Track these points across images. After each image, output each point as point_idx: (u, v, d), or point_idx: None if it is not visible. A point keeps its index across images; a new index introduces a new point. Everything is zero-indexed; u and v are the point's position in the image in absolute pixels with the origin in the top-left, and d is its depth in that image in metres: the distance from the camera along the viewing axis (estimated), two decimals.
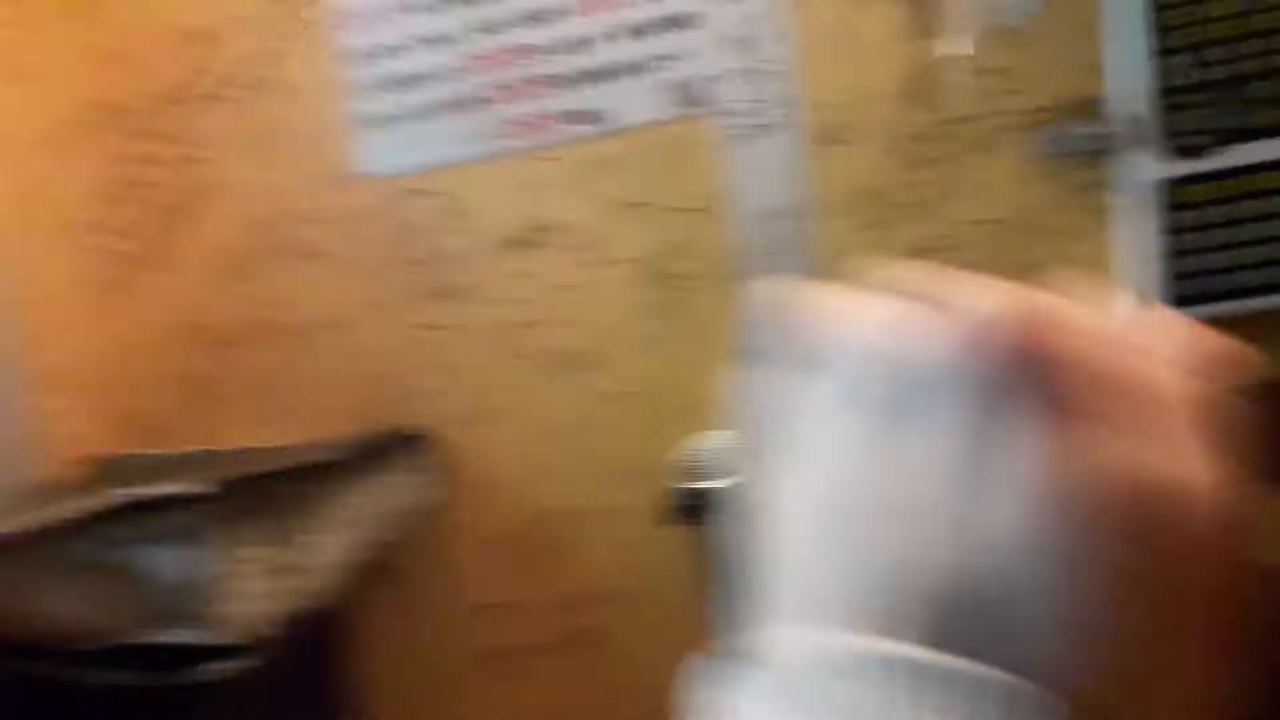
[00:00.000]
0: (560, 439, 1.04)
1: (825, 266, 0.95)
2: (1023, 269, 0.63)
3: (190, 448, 1.08)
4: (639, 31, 0.99)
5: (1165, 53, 0.83)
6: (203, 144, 1.12)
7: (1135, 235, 0.85)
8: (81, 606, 0.68)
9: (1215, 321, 0.15)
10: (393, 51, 1.05)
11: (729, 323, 1.00)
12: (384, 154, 1.05)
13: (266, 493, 0.73)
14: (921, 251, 0.92)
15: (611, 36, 0.99)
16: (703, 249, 0.99)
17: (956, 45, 0.90)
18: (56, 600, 0.67)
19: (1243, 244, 0.84)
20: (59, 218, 1.15)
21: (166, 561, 0.66)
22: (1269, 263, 0.83)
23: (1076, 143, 0.87)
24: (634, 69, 0.99)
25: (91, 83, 1.14)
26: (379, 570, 0.84)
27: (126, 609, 0.69)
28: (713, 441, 0.92)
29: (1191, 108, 0.84)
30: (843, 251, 0.94)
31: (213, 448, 1.08)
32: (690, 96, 0.98)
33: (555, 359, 1.03)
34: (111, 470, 1.09)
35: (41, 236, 1.15)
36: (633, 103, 0.99)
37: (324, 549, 0.80)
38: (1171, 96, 0.84)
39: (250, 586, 0.68)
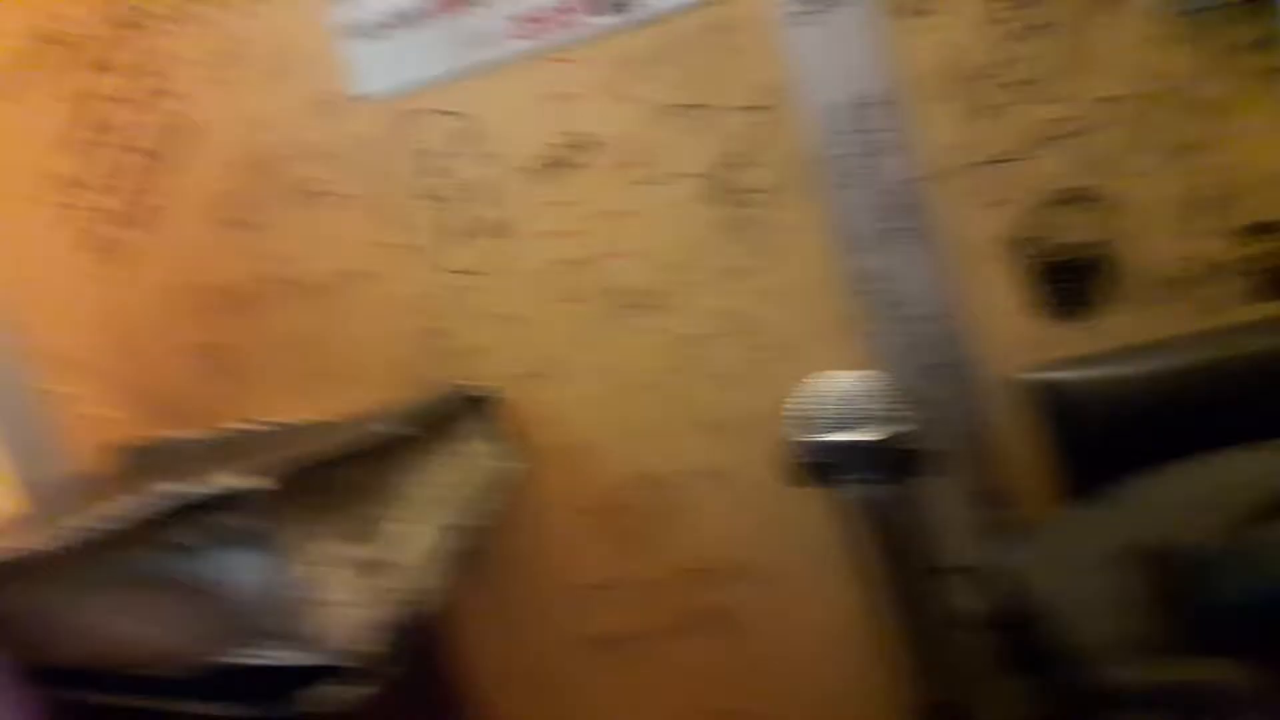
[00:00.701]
0: (638, 393, 0.92)
1: (929, 164, 0.80)
2: (1179, 152, 0.50)
3: (218, 426, 0.97)
4: None
5: None
6: (170, 74, 0.96)
7: None
8: (153, 627, 0.57)
9: None
10: None
11: (818, 241, 0.88)
12: (380, 70, 0.90)
13: (337, 478, 0.62)
14: (1048, 140, 0.77)
15: None
16: (773, 155, 0.84)
17: None
18: (125, 621, 0.56)
19: None
20: (30, 176, 1.01)
21: (237, 569, 0.55)
22: None
23: None
24: None
25: (39, 11, 0.98)
26: (472, 556, 0.73)
27: (204, 627, 0.58)
28: (837, 385, 0.80)
29: None
30: (949, 147, 0.80)
31: (245, 425, 0.96)
32: None
33: (618, 300, 0.90)
34: (142, 459, 0.98)
35: (15, 200, 1.02)
36: None
37: (413, 539, 0.70)
38: None
39: (339, 592, 0.58)
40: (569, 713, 1.03)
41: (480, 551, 0.87)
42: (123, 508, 0.58)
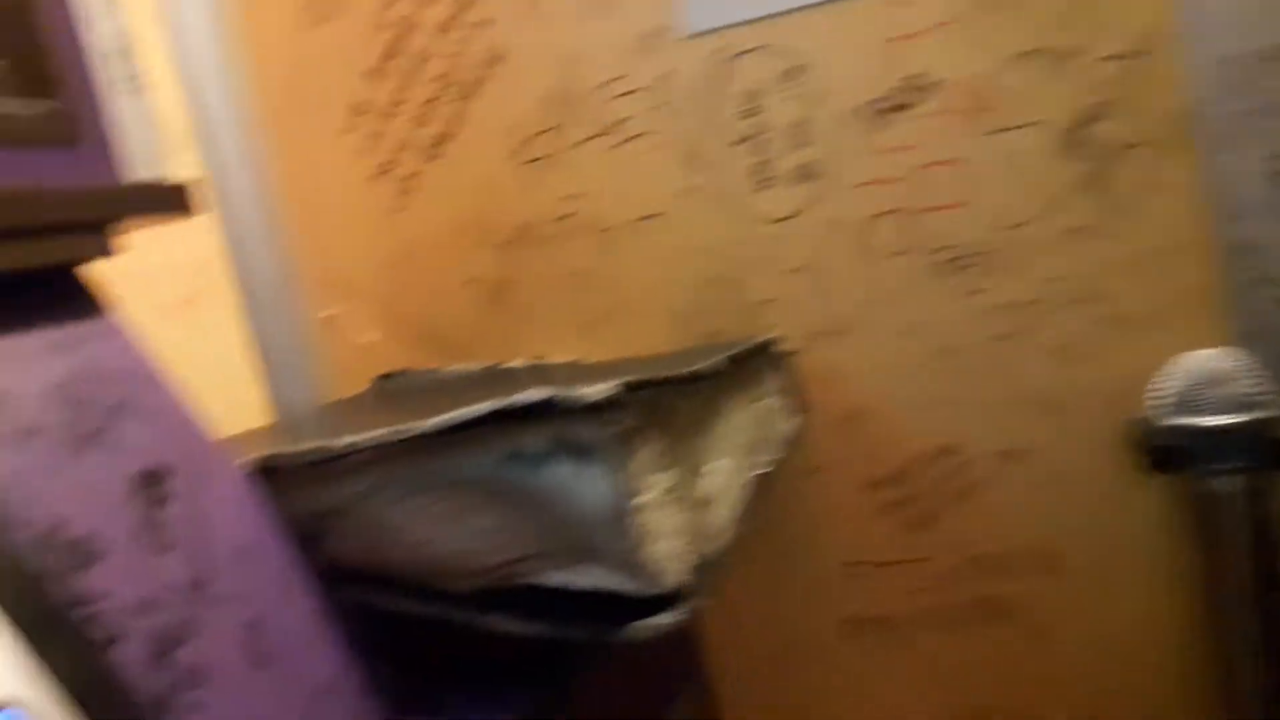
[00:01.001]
0: (947, 359, 0.85)
1: None
2: None
3: (492, 362, 0.95)
4: None
5: None
6: (490, 5, 0.95)
7: None
8: (471, 537, 0.54)
9: None
10: None
11: (1186, 205, 0.81)
12: (709, 5, 0.86)
13: (676, 409, 0.58)
14: None
15: None
16: (1143, 108, 0.76)
17: None
18: (442, 528, 0.53)
19: None
20: (338, 102, 1.03)
21: (575, 484, 0.51)
22: None
23: None
24: None
25: None
26: (757, 513, 0.69)
27: (526, 541, 0.54)
28: (1197, 363, 0.73)
29: None
30: None
31: (519, 363, 0.95)
32: None
33: (938, 257, 0.84)
34: (412, 388, 0.98)
35: (310, 126, 1.03)
36: None
37: (724, 483, 0.66)
38: None
39: (668, 522, 0.54)
40: (818, 697, 0.97)
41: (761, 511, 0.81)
42: (458, 409, 0.55)
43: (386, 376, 1.03)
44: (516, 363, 0.96)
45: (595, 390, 0.51)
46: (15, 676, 0.34)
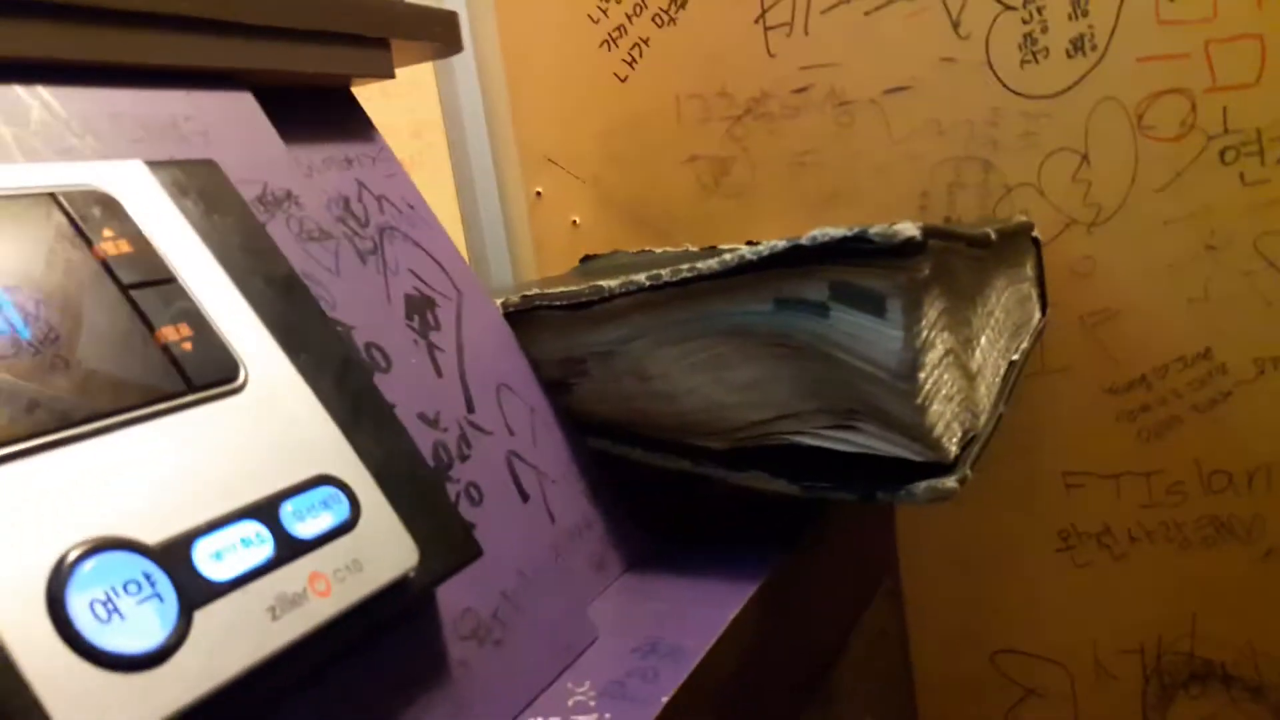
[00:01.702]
0: (1217, 256, 0.77)
1: None
2: None
3: (711, 245, 0.92)
4: None
5: None
6: None
7: None
8: (732, 390, 0.51)
9: None
10: None
11: None
12: None
13: (957, 272, 0.54)
14: None
15: None
16: None
17: None
18: (702, 379, 0.51)
19: None
20: None
21: (861, 338, 0.47)
22: None
23: None
24: None
25: None
26: (1008, 398, 0.64)
27: (790, 398, 0.51)
28: None
29: None
30: None
31: (740, 246, 0.91)
32: None
33: (1220, 143, 0.76)
34: (618, 267, 0.96)
35: None
36: None
37: (990, 361, 0.61)
38: None
39: (946, 386, 0.50)
40: (1019, 612, 0.93)
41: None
42: (738, 250, 0.52)
43: (592, 257, 1.01)
44: (734, 246, 0.92)
45: (893, 231, 0.47)
46: (339, 456, 0.33)
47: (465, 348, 0.53)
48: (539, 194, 1.05)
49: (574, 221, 1.03)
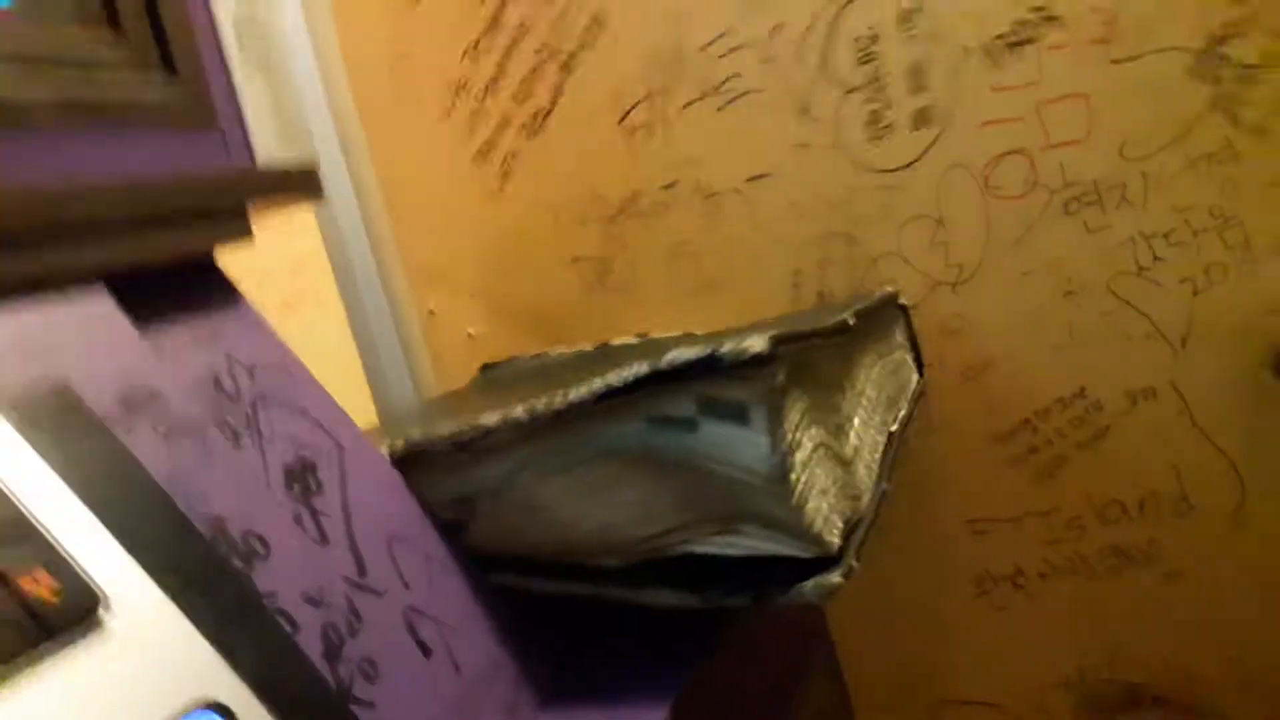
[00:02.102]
0: (1076, 300, 0.81)
1: None
2: None
3: (598, 341, 0.94)
4: None
5: None
6: None
7: None
8: (618, 511, 0.53)
9: None
10: None
11: None
12: None
13: (816, 363, 0.56)
14: None
15: None
16: (1274, 26, 0.72)
17: None
18: (589, 503, 0.52)
19: None
20: (423, 86, 1.02)
21: (728, 445, 0.49)
22: None
23: None
24: None
25: None
26: (890, 471, 0.66)
27: (674, 512, 0.53)
28: None
29: None
30: None
31: (628, 340, 0.93)
32: None
33: (1060, 195, 0.80)
34: (518, 375, 0.97)
35: (406, 112, 1.03)
36: None
37: (866, 440, 0.63)
38: None
39: (822, 483, 0.52)
40: (948, 656, 0.95)
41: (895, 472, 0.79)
42: (604, 377, 0.54)
43: (491, 366, 1.03)
44: (625, 340, 0.94)
45: (745, 346, 0.49)
46: (215, 675, 0.33)
47: (351, 506, 0.53)
48: (432, 312, 1.06)
49: (469, 333, 1.05)
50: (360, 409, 1.09)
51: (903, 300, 0.84)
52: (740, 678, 0.66)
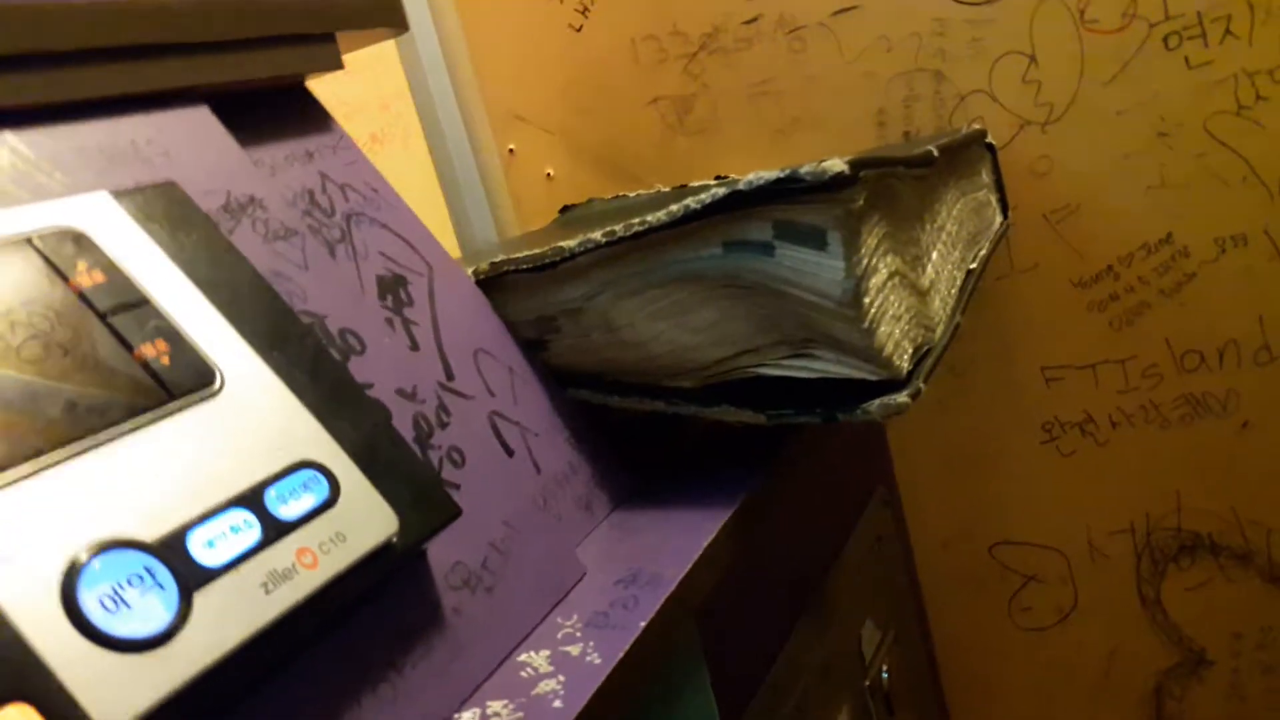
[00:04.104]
0: (1169, 141, 0.79)
1: None
2: None
3: (679, 184, 0.94)
4: None
5: None
6: None
7: None
8: (694, 333, 0.55)
9: None
10: None
11: None
12: None
13: (892, 191, 0.56)
14: None
15: None
16: None
17: None
18: (665, 325, 0.54)
19: None
20: None
21: (806, 270, 0.50)
22: None
23: None
24: None
25: None
26: (966, 308, 0.67)
27: (747, 335, 0.54)
28: None
29: None
30: None
31: (709, 182, 0.93)
32: None
33: (1163, 29, 0.77)
34: (594, 216, 0.98)
35: None
36: None
37: (944, 274, 0.64)
38: None
39: (893, 306, 0.53)
40: (1012, 502, 0.97)
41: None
42: (683, 201, 0.54)
43: (569, 207, 1.04)
44: (704, 182, 0.94)
45: (822, 168, 0.50)
46: (316, 441, 0.36)
47: (440, 319, 0.56)
48: (512, 151, 1.07)
49: (548, 174, 1.06)
50: (445, 246, 1.12)
51: (990, 139, 0.83)
52: (802, 498, 0.69)
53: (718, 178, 0.95)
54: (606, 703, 0.39)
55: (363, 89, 1.02)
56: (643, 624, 0.42)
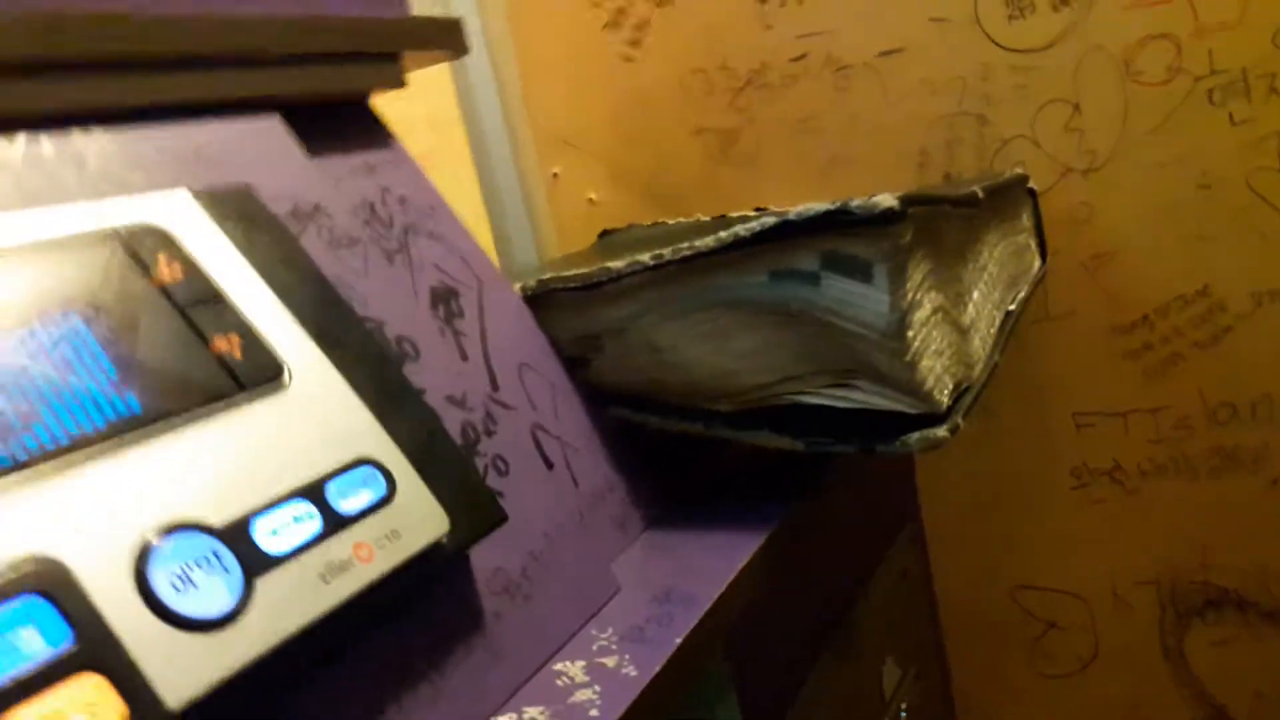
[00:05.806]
0: (1209, 194, 0.80)
1: None
2: None
3: (719, 215, 0.95)
4: None
5: None
6: None
7: None
8: (736, 358, 0.55)
9: None
10: None
11: None
12: None
13: (937, 228, 0.57)
14: None
15: None
16: None
17: None
18: (707, 348, 0.55)
19: None
20: None
21: (850, 301, 0.51)
22: None
23: None
24: None
25: None
26: (1003, 348, 0.67)
27: (789, 362, 0.55)
28: None
29: None
30: None
31: (747, 213, 0.95)
32: None
33: (1206, 84, 0.78)
34: (633, 241, 0.99)
35: None
36: None
37: (983, 313, 0.65)
38: None
39: (935, 341, 0.54)
40: (1036, 547, 0.97)
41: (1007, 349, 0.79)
42: (732, 228, 0.55)
43: (609, 232, 1.05)
44: (745, 213, 0.95)
45: (873, 202, 0.51)
46: (375, 440, 0.37)
47: (488, 332, 0.57)
48: (556, 175, 1.09)
49: (590, 199, 1.07)
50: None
51: (1031, 184, 0.84)
52: (833, 530, 0.69)
53: (757, 209, 0.96)
54: (642, 716, 0.39)
55: (415, 108, 1.04)
56: (679, 640, 0.43)
